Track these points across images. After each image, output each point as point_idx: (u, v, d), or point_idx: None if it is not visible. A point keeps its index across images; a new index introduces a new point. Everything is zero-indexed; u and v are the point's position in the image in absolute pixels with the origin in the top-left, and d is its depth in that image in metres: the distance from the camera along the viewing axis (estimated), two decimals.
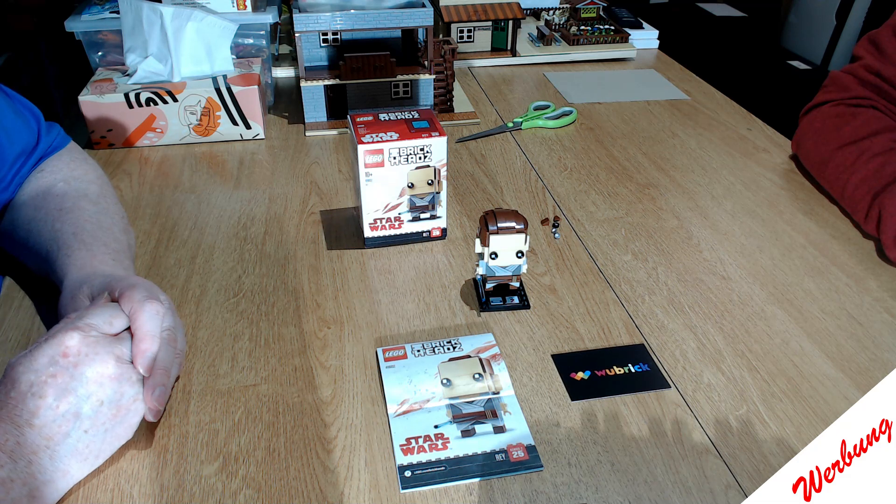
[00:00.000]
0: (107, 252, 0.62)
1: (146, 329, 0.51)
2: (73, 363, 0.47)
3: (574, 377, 0.60)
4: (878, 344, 0.65)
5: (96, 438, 0.48)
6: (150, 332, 0.51)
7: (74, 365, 0.47)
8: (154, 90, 0.95)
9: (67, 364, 0.47)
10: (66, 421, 0.46)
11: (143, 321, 0.51)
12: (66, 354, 0.47)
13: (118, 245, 0.64)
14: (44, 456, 0.46)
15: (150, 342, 0.51)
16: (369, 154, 0.70)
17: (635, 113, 1.13)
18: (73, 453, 0.47)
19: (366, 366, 0.61)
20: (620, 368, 0.61)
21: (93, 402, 0.47)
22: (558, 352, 0.63)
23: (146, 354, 0.51)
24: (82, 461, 0.48)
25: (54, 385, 0.46)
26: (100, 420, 0.48)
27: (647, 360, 0.62)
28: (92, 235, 0.63)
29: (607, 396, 0.58)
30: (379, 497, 0.50)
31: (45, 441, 0.46)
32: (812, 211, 0.86)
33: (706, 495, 0.50)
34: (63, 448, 0.46)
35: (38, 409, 0.46)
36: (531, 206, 0.86)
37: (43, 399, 0.46)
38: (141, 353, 0.50)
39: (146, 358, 0.51)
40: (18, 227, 0.67)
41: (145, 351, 0.51)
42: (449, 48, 1.06)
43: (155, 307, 0.52)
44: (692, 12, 3.27)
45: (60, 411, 0.46)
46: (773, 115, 1.16)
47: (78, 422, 0.47)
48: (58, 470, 0.46)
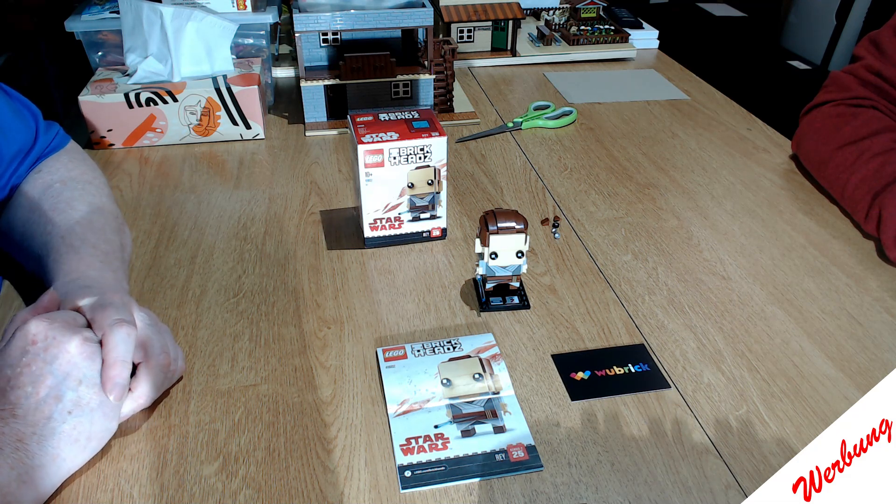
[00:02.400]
0: (95, 255, 0.61)
1: (115, 354, 0.50)
2: (42, 348, 0.48)
3: (574, 377, 0.60)
4: (878, 344, 0.65)
5: (83, 419, 0.48)
6: (119, 357, 0.50)
7: (44, 349, 0.48)
8: (154, 90, 0.95)
9: (38, 350, 0.48)
10: (47, 405, 0.47)
11: (112, 345, 0.50)
12: (35, 342, 0.48)
13: (109, 246, 0.64)
14: (31, 442, 0.46)
15: (120, 368, 0.49)
16: (369, 154, 0.70)
17: (635, 113, 1.13)
18: (60, 436, 0.47)
19: (366, 366, 0.61)
20: (620, 368, 0.61)
21: (70, 382, 0.48)
22: (558, 352, 0.63)
23: (116, 381, 0.49)
24: (73, 443, 0.48)
25: (29, 374, 0.47)
26: (83, 400, 0.48)
27: (647, 360, 0.62)
28: (81, 238, 0.62)
29: (607, 396, 0.58)
30: (379, 497, 0.50)
31: (31, 428, 0.46)
32: (812, 211, 0.86)
33: (706, 495, 0.50)
34: (48, 430, 0.47)
35: (19, 399, 0.47)
36: (531, 206, 0.86)
37: (21, 389, 0.47)
38: (110, 379, 0.49)
39: (116, 385, 0.49)
40: (14, 228, 0.67)
41: (114, 377, 0.49)
42: (449, 48, 1.06)
43: (125, 330, 0.51)
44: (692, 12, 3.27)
45: (41, 396, 0.47)
46: (773, 115, 1.16)
47: (60, 404, 0.47)
48: (47, 454, 0.47)
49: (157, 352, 0.55)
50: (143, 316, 0.55)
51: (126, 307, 0.53)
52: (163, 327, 0.57)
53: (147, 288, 0.70)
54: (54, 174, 0.70)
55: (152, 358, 0.54)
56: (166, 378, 0.56)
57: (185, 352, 0.62)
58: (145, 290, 0.70)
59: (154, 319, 0.56)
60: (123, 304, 0.53)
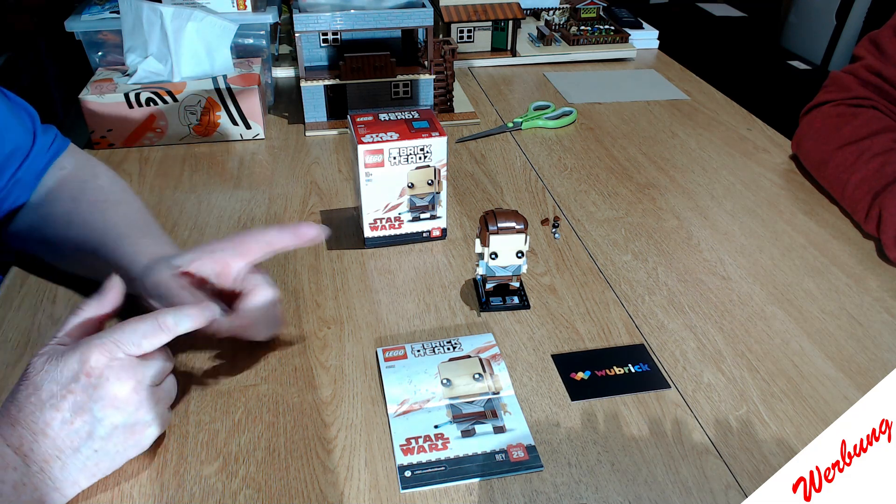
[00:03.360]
0: (167, 243, 0.64)
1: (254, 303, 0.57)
2: (93, 384, 0.47)
3: (574, 377, 0.60)
4: (878, 344, 0.65)
5: (106, 458, 0.48)
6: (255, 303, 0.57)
7: (94, 387, 0.47)
8: (154, 90, 0.95)
9: (88, 384, 0.47)
10: (78, 437, 0.47)
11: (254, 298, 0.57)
12: (89, 374, 0.47)
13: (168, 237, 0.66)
14: (55, 465, 0.46)
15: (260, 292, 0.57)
16: (369, 154, 0.70)
17: (635, 113, 1.13)
18: (82, 469, 0.47)
19: (366, 366, 0.61)
20: (620, 369, 0.61)
21: (106, 424, 0.47)
22: (558, 352, 0.63)
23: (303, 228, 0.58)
24: (90, 477, 0.48)
25: (72, 401, 0.46)
26: (111, 442, 0.48)
27: (647, 361, 0.62)
28: (148, 225, 0.65)
29: (607, 397, 0.58)
30: (379, 497, 0.50)
31: (57, 452, 0.46)
32: (812, 211, 0.86)
33: (706, 495, 0.50)
34: (73, 462, 0.47)
35: (54, 421, 0.46)
36: (531, 206, 0.86)
37: (59, 412, 0.46)
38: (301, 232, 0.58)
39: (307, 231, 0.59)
40: (53, 222, 0.66)
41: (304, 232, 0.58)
42: (449, 48, 1.06)
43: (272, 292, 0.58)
44: (692, 12, 3.27)
45: (74, 427, 0.46)
46: (773, 115, 1.16)
47: (90, 440, 0.47)
48: (67, 480, 0.47)
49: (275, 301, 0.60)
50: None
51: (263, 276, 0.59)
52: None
53: None
54: (79, 170, 0.70)
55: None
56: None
57: (185, 352, 0.62)
58: None
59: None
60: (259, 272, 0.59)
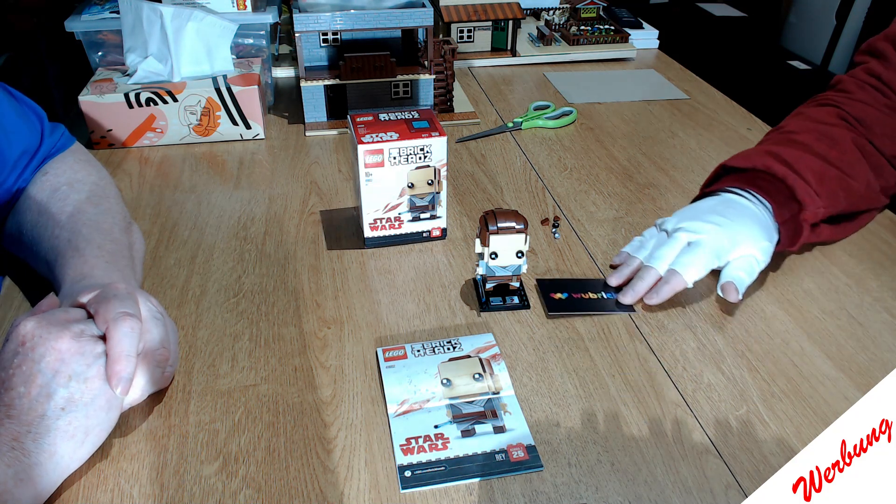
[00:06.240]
0: (100, 255, 0.61)
1: (119, 349, 0.49)
2: (30, 348, 0.48)
3: (553, 296, 0.69)
4: (878, 344, 0.65)
5: (77, 414, 0.48)
6: (123, 351, 0.49)
7: (32, 349, 0.48)
8: (154, 90, 0.95)
9: (27, 350, 0.48)
10: (39, 403, 0.47)
11: (117, 339, 0.49)
12: (24, 342, 0.48)
13: (115, 246, 0.63)
14: (26, 440, 0.46)
15: (125, 363, 0.49)
16: (369, 154, 0.70)
17: (635, 113, 1.13)
18: (56, 432, 0.47)
19: (366, 366, 0.61)
20: (594, 294, 0.70)
21: (60, 379, 0.48)
22: (558, 352, 0.63)
23: (121, 375, 0.48)
24: (70, 439, 0.48)
25: (20, 374, 0.47)
26: (75, 396, 0.48)
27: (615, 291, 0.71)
28: (87, 240, 0.62)
29: (579, 314, 0.67)
30: (379, 497, 0.50)
31: (26, 427, 0.47)
32: None
33: (706, 495, 0.50)
34: (42, 428, 0.47)
35: (13, 401, 0.47)
36: (531, 206, 0.86)
37: (14, 390, 0.47)
38: (115, 374, 0.48)
39: (121, 379, 0.48)
40: (24, 232, 0.67)
41: (119, 372, 0.48)
42: (449, 48, 1.06)
43: (129, 324, 0.50)
44: (692, 12, 3.27)
45: (32, 396, 0.47)
46: (773, 115, 1.16)
47: (51, 401, 0.47)
48: (43, 452, 0.47)
49: (156, 345, 0.54)
50: (151, 307, 0.54)
51: (131, 297, 0.52)
52: (170, 322, 0.57)
53: (147, 288, 0.70)
54: (61, 176, 0.69)
55: (148, 352, 0.53)
56: (163, 375, 0.55)
57: (185, 352, 0.62)
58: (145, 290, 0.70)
59: (163, 313, 0.56)
60: (128, 293, 0.52)
